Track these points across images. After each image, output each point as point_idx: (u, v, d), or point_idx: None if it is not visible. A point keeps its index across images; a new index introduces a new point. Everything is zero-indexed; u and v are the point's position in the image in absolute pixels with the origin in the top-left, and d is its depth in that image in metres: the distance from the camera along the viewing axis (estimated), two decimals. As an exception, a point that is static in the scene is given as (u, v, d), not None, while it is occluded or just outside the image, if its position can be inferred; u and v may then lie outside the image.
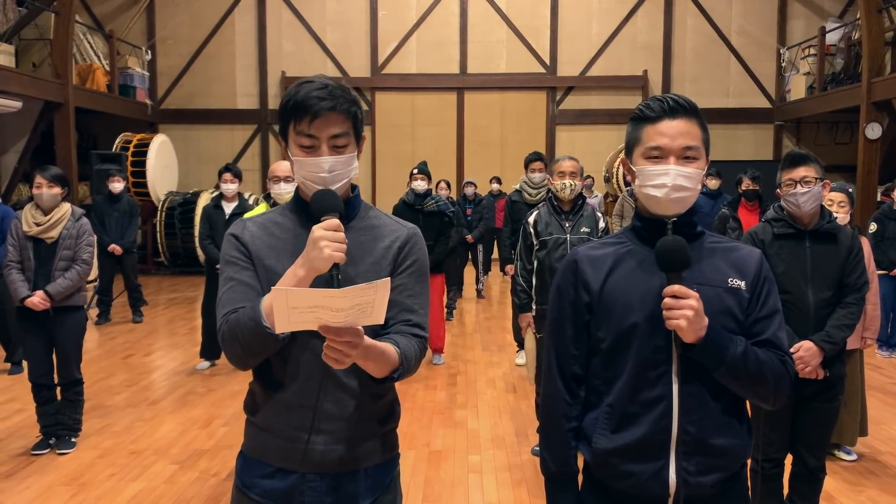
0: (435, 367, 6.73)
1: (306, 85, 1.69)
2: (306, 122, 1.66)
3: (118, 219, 8.49)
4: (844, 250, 3.08)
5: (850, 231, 3.16)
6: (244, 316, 1.60)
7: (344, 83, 1.73)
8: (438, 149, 14.73)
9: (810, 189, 2.99)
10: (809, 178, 2.99)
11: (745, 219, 6.52)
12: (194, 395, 5.87)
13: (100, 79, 12.89)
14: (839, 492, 4.03)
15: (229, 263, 1.72)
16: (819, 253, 3.07)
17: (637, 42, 14.86)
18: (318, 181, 1.68)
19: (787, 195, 3.05)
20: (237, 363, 1.70)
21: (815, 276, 3.06)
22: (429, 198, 6.58)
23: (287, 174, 4.30)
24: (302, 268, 1.58)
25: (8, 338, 6.47)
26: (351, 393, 1.73)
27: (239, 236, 1.74)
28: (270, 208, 4.27)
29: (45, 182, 4.43)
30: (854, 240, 3.12)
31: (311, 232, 1.58)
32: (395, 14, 14.88)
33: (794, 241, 3.09)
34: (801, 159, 3.04)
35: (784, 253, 3.09)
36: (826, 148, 14.77)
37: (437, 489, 4.08)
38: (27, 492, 4.04)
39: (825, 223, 3.08)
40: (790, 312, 3.04)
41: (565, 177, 4.36)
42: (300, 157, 1.69)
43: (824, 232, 3.07)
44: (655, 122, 1.70)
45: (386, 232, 1.79)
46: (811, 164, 3.02)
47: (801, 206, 3.01)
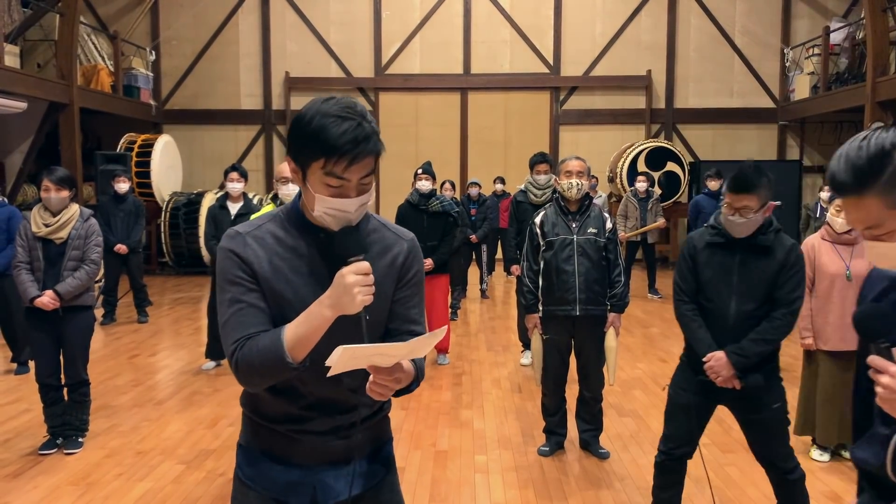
0: (440, 367, 6.73)
1: (335, 119, 1.57)
2: (342, 166, 1.57)
3: (124, 219, 8.51)
4: (776, 264, 3.03)
5: (790, 245, 3.07)
6: (264, 347, 1.59)
7: (357, 102, 1.66)
8: (442, 149, 14.74)
9: (747, 219, 2.95)
10: (749, 209, 2.94)
11: (750, 219, 6.51)
12: (200, 395, 5.88)
13: (104, 79, 12.92)
14: (847, 492, 4.03)
15: (232, 283, 1.66)
16: (748, 265, 3.05)
17: (641, 42, 14.85)
18: (343, 220, 1.64)
19: (725, 214, 3.02)
20: (251, 387, 1.70)
21: (739, 288, 3.05)
22: (433, 198, 6.58)
23: None
24: (330, 309, 1.57)
25: (14, 338, 6.49)
26: (344, 400, 1.79)
27: (241, 254, 1.67)
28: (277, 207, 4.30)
29: (53, 186, 4.45)
30: (790, 254, 3.04)
31: (340, 275, 1.55)
32: (398, 14, 14.89)
33: (724, 251, 3.08)
34: (746, 187, 2.93)
35: (713, 262, 3.11)
36: (830, 148, 14.75)
37: (443, 489, 4.09)
38: (35, 491, 4.05)
39: (761, 236, 3.04)
40: (711, 320, 3.13)
41: (572, 176, 4.36)
42: (325, 196, 1.61)
43: (758, 245, 3.04)
44: None
45: (388, 246, 1.78)
46: (754, 194, 2.92)
47: (733, 231, 3.02)
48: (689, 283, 3.20)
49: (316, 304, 1.59)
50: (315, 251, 1.70)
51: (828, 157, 14.70)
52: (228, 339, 1.65)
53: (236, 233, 1.72)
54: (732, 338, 3.06)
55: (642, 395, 5.86)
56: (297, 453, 1.79)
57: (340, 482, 1.81)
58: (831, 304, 4.33)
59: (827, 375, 4.39)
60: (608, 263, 4.36)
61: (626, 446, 4.73)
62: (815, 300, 4.40)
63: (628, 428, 5.07)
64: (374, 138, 1.60)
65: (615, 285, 4.34)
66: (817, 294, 4.39)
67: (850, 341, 4.32)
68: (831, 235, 4.39)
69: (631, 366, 6.72)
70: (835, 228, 4.35)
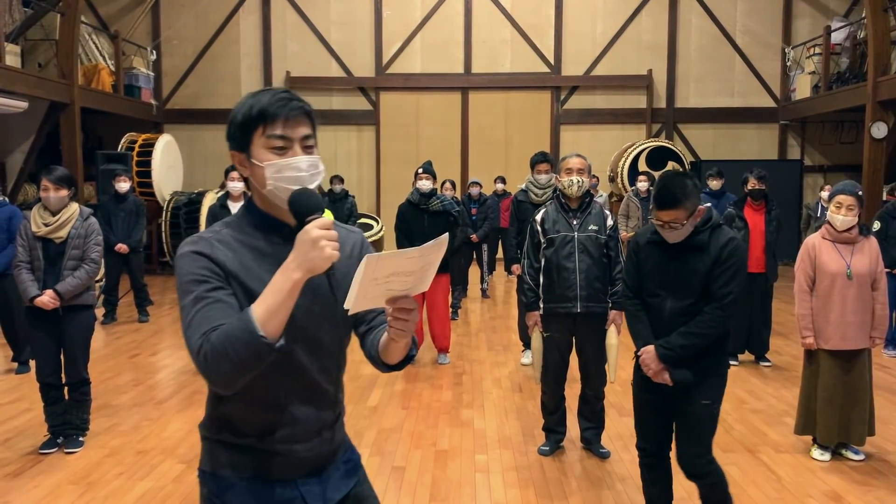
0: (440, 366, 6.73)
1: (264, 93, 1.68)
2: (279, 125, 1.65)
3: (124, 218, 8.52)
4: (710, 260, 3.02)
5: (725, 241, 3.05)
6: (233, 329, 1.50)
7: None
8: (443, 148, 14.74)
9: (676, 230, 2.98)
10: (677, 221, 2.95)
11: (751, 219, 6.51)
12: (201, 394, 5.88)
13: (105, 79, 12.92)
14: (847, 491, 4.02)
15: (199, 282, 1.60)
16: (683, 262, 3.06)
17: (642, 41, 14.85)
18: (296, 181, 1.64)
19: (655, 225, 3.05)
20: (224, 384, 1.55)
21: (675, 284, 3.08)
22: (434, 197, 6.58)
23: None
24: (298, 270, 1.52)
25: (15, 338, 6.49)
26: (324, 392, 1.77)
27: (209, 255, 1.63)
28: None
29: (52, 185, 4.44)
30: (724, 249, 3.02)
31: (304, 232, 1.53)
32: (399, 14, 14.89)
33: (662, 249, 3.11)
34: (671, 202, 2.94)
35: (652, 259, 3.14)
36: (831, 147, 14.75)
37: (444, 488, 4.09)
38: (36, 490, 4.05)
39: (696, 237, 3.04)
40: (652, 316, 3.18)
41: (573, 173, 4.35)
42: (274, 160, 1.64)
43: (692, 245, 3.05)
44: None
45: (343, 241, 1.76)
46: (679, 208, 2.93)
47: (667, 240, 3.05)
48: (633, 280, 3.26)
49: (280, 271, 1.54)
50: (280, 248, 1.66)
51: (829, 156, 14.74)
52: (193, 335, 1.54)
53: (199, 237, 1.68)
54: (667, 333, 3.09)
55: (643, 394, 5.85)
56: (279, 468, 1.73)
57: (327, 487, 1.79)
58: (832, 302, 4.33)
59: (828, 375, 4.38)
60: (609, 261, 4.36)
61: (627, 446, 4.72)
62: (816, 299, 4.39)
63: (629, 428, 5.06)
64: (304, 103, 1.69)
65: (616, 282, 4.33)
66: (818, 293, 4.39)
67: (850, 340, 4.32)
68: (832, 234, 4.38)
69: (631, 366, 6.70)
70: (835, 226, 4.35)
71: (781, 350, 7.25)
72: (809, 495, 3.99)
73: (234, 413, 1.71)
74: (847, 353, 4.36)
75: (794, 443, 4.76)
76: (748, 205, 6.56)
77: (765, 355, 6.77)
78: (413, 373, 6.53)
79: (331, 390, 1.79)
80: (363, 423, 5.18)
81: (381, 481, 4.18)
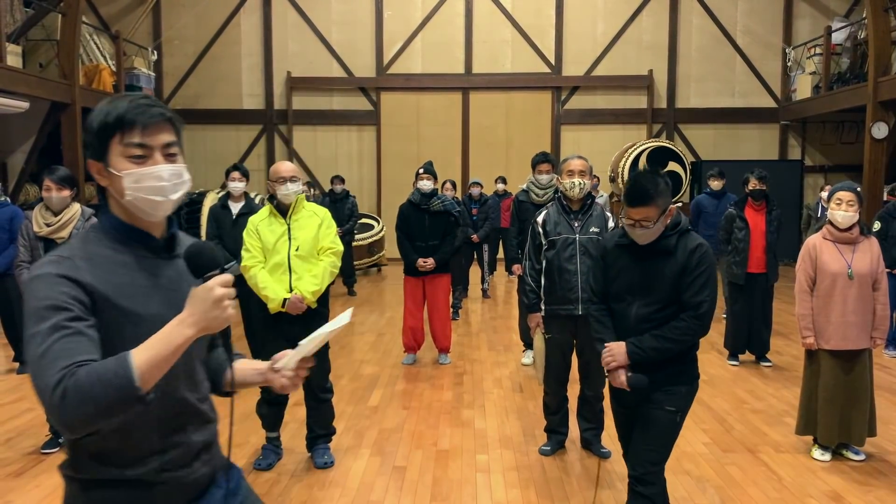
0: (441, 366, 6.73)
1: (122, 99, 1.60)
2: (137, 132, 1.56)
3: (125, 219, 8.51)
4: (677, 266, 2.91)
5: (694, 246, 2.93)
6: (105, 372, 1.36)
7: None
8: (443, 149, 14.74)
9: (647, 229, 2.87)
10: (649, 220, 2.85)
11: (751, 219, 6.51)
12: (202, 394, 5.88)
13: (106, 79, 12.92)
14: (848, 491, 4.03)
15: (59, 309, 1.43)
16: (649, 267, 2.96)
17: (642, 42, 14.85)
18: (157, 191, 1.57)
19: (626, 226, 2.94)
20: (79, 426, 1.38)
21: (641, 289, 2.97)
22: (435, 198, 6.59)
23: (292, 174, 4.28)
24: (193, 327, 1.44)
25: (17, 337, 6.50)
26: (199, 413, 1.71)
27: (74, 277, 1.48)
28: (273, 209, 4.29)
29: (55, 185, 4.46)
30: (693, 255, 2.91)
31: (206, 289, 1.45)
32: (400, 14, 14.89)
33: (629, 253, 3.01)
34: (642, 198, 2.84)
35: (619, 263, 3.04)
36: (832, 147, 14.76)
37: (444, 488, 4.09)
38: (37, 490, 4.06)
39: (663, 240, 2.94)
40: (617, 321, 3.07)
41: (574, 176, 4.36)
42: (132, 169, 1.56)
43: (659, 248, 2.94)
44: None
45: None
46: (651, 205, 2.83)
47: (636, 240, 2.95)
48: (598, 284, 3.16)
49: (174, 324, 1.44)
50: (151, 261, 1.61)
51: (830, 157, 14.74)
52: (49, 369, 1.37)
53: (59, 257, 1.53)
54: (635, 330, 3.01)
55: (644, 394, 5.85)
56: (163, 498, 1.61)
57: (228, 499, 1.75)
58: (833, 302, 4.33)
59: (829, 375, 4.39)
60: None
61: (628, 446, 4.73)
62: (817, 299, 4.40)
63: (629, 427, 5.07)
64: (165, 108, 1.62)
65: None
66: (818, 293, 4.39)
67: (851, 340, 4.33)
68: (833, 235, 4.39)
69: (632, 365, 6.71)
70: (836, 223, 4.36)
71: (782, 350, 7.25)
72: (810, 495, 3.99)
73: (111, 446, 1.55)
74: (848, 354, 4.36)
75: (795, 443, 4.77)
76: (749, 205, 6.57)
77: (765, 355, 6.78)
78: (414, 373, 6.54)
79: (205, 408, 1.72)
80: (364, 423, 5.19)
81: (382, 481, 4.18)
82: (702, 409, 5.46)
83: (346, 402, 5.62)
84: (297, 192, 4.29)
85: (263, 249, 4.26)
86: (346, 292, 10.84)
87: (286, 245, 4.23)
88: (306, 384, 4.36)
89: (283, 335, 4.21)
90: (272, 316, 4.23)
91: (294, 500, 3.95)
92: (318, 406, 4.40)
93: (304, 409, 4.53)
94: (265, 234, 4.25)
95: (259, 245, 4.25)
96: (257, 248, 4.25)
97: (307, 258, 4.25)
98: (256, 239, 4.26)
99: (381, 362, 6.91)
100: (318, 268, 4.25)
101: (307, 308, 4.21)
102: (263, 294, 4.19)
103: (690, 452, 4.61)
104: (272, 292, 4.16)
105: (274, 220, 4.28)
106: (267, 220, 4.29)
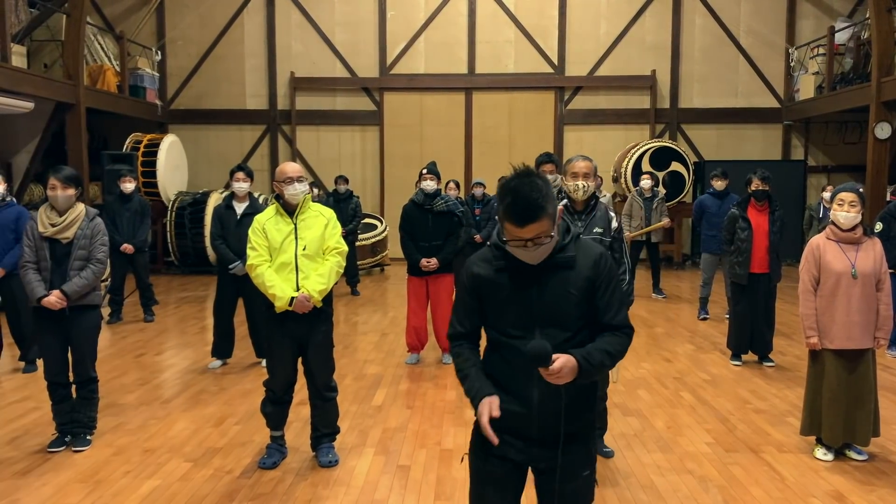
0: (445, 366, 6.75)
1: None
2: None
3: (130, 218, 8.55)
4: (582, 281, 2.34)
5: (597, 255, 2.40)
6: None
7: None
8: (446, 149, 14.76)
9: (544, 245, 2.27)
10: (544, 234, 2.25)
11: (754, 219, 6.52)
12: (207, 393, 5.91)
13: (110, 80, 12.97)
14: (851, 491, 4.04)
15: None
16: (546, 290, 2.33)
17: (645, 42, 14.85)
18: None
19: (513, 249, 2.31)
20: None
21: (542, 320, 2.33)
22: (438, 198, 6.61)
23: (299, 174, 4.31)
24: None
25: (22, 337, 6.53)
26: None
27: None
28: (280, 208, 4.31)
29: (60, 184, 4.48)
30: (600, 267, 2.38)
31: None
32: (403, 14, 14.91)
33: (513, 276, 2.36)
34: (532, 211, 2.20)
35: (502, 293, 2.38)
36: (835, 148, 14.74)
37: (448, 487, 4.11)
38: (44, 489, 4.08)
39: (559, 253, 2.35)
40: (509, 360, 2.37)
41: (578, 178, 4.37)
42: None
43: (556, 263, 2.34)
44: None
45: None
46: (544, 217, 2.22)
47: (530, 262, 2.32)
48: (467, 323, 2.49)
49: None
50: None
51: (833, 157, 14.73)
52: None
53: None
54: (538, 382, 2.29)
55: (646, 394, 5.87)
56: None
57: None
58: (837, 302, 4.34)
59: (833, 375, 4.40)
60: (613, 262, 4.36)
61: (630, 445, 4.74)
62: (821, 299, 4.41)
63: (632, 427, 5.09)
64: None
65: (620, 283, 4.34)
66: (822, 293, 4.40)
67: (855, 340, 4.34)
68: (836, 235, 4.40)
69: (635, 366, 6.73)
70: (838, 224, 4.37)
71: (785, 350, 7.26)
72: (813, 495, 4.00)
73: None
74: (851, 353, 4.37)
75: (798, 443, 4.78)
76: (752, 205, 6.57)
77: (768, 356, 6.79)
78: (417, 372, 6.56)
79: None
80: (368, 422, 5.21)
81: (387, 480, 4.20)
82: (704, 409, 5.48)
83: (350, 401, 5.64)
84: (304, 191, 4.31)
85: (270, 248, 4.28)
86: (350, 292, 10.87)
87: (293, 244, 4.25)
88: (311, 383, 4.38)
89: (289, 334, 4.24)
90: (278, 315, 4.24)
91: (298, 498, 3.97)
92: (323, 405, 4.42)
93: (308, 408, 4.55)
94: (272, 233, 4.27)
95: (265, 244, 4.28)
96: (263, 247, 4.28)
97: (314, 257, 4.27)
98: (263, 238, 4.28)
99: (385, 362, 6.93)
100: (325, 267, 4.27)
101: (313, 307, 4.23)
102: (271, 293, 4.20)
103: (693, 452, 4.62)
104: (279, 290, 4.18)
105: (280, 220, 4.30)
106: (273, 219, 4.31)
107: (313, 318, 4.25)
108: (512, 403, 2.35)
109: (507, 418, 2.34)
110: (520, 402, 2.35)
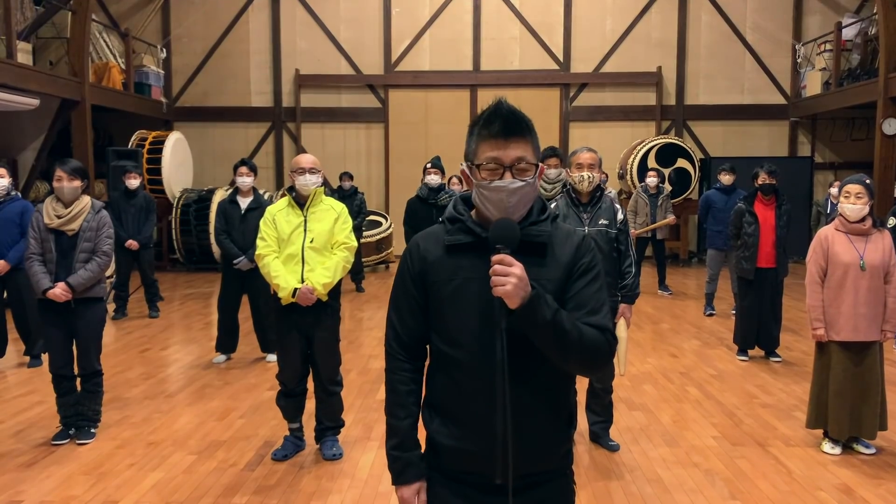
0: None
1: None
2: None
3: (135, 215, 8.56)
4: (561, 270, 1.81)
5: (579, 240, 1.86)
6: None
7: None
8: (451, 146, 14.69)
9: (524, 182, 1.81)
10: (525, 166, 1.81)
11: (761, 214, 6.48)
12: (211, 387, 5.91)
13: (116, 77, 12.99)
14: (858, 485, 4.01)
15: None
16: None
17: (651, 38, 14.81)
18: None
19: (484, 188, 1.84)
20: None
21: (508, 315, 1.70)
22: (442, 192, 6.61)
23: (312, 165, 4.33)
24: None
25: (27, 331, 6.54)
26: None
27: None
28: (292, 200, 4.31)
29: (66, 175, 4.48)
30: (581, 253, 1.83)
31: None
32: (408, 11, 14.90)
33: (472, 260, 1.80)
34: (516, 127, 1.83)
35: (456, 279, 1.81)
36: (842, 144, 14.68)
37: (453, 480, 4.09)
38: (48, 481, 4.08)
39: (534, 226, 1.83)
40: (465, 375, 1.79)
41: (583, 169, 4.35)
42: None
43: (529, 242, 1.80)
44: None
45: None
46: (528, 138, 1.86)
47: (506, 202, 1.80)
48: (407, 327, 1.89)
49: None
50: None
51: (840, 153, 14.67)
52: None
53: None
54: (504, 408, 1.70)
55: (652, 389, 5.84)
56: None
57: None
58: (844, 293, 4.31)
59: (839, 367, 4.37)
60: (619, 255, 4.35)
61: (636, 439, 4.72)
62: (828, 290, 4.38)
63: (638, 421, 5.07)
64: None
65: (626, 276, 4.33)
66: (830, 284, 4.37)
67: (862, 331, 4.31)
68: (845, 226, 4.37)
69: (641, 361, 6.71)
70: (846, 216, 4.34)
71: (791, 346, 7.22)
72: (820, 488, 3.97)
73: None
74: (858, 346, 4.34)
75: (805, 436, 4.74)
76: (758, 200, 6.54)
77: (775, 351, 6.75)
78: (422, 367, 6.53)
79: None
80: (372, 416, 5.19)
81: (391, 473, 4.18)
82: (711, 404, 5.45)
83: (354, 395, 5.63)
84: (315, 183, 4.32)
85: (279, 239, 4.29)
86: (355, 289, 10.86)
87: (301, 236, 4.25)
88: (317, 377, 4.37)
89: (296, 326, 4.24)
90: (284, 308, 4.24)
91: (303, 490, 3.96)
92: (328, 399, 4.41)
93: (313, 402, 4.54)
94: (281, 224, 4.28)
95: (275, 234, 4.29)
96: (272, 238, 4.29)
97: (321, 251, 4.27)
98: (273, 228, 4.29)
99: (390, 357, 6.90)
100: (332, 261, 4.27)
101: (318, 300, 4.22)
102: (275, 283, 4.20)
103: (699, 446, 4.60)
104: (283, 281, 4.18)
105: (291, 211, 4.31)
106: (284, 210, 4.33)
107: (319, 311, 4.25)
108: (466, 441, 1.78)
109: (461, 461, 1.81)
110: (477, 437, 1.76)
